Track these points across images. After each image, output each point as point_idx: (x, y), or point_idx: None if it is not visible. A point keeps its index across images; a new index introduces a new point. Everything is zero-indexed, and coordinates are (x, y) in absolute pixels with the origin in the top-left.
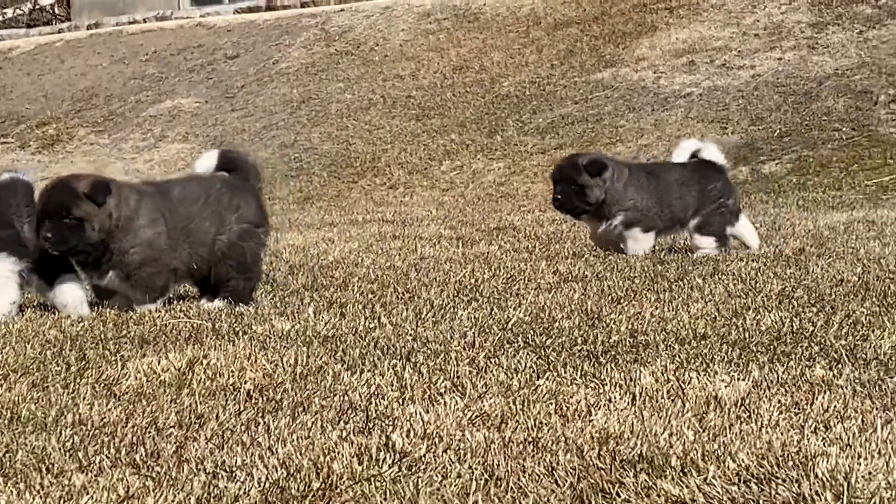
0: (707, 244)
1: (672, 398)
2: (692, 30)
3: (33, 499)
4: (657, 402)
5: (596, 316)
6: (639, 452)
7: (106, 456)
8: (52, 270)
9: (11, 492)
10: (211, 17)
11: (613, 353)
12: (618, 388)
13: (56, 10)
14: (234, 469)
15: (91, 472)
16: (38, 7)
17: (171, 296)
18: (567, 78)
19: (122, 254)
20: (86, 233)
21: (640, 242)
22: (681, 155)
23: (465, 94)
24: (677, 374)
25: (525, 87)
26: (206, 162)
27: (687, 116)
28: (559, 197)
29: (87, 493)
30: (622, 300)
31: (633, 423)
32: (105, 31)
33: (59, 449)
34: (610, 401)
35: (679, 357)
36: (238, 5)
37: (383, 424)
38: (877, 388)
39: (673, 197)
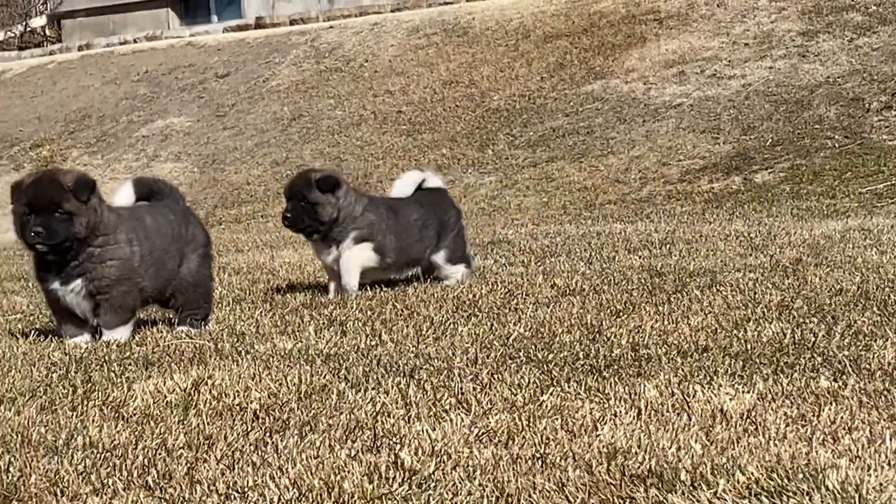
0: (458, 271)
1: (677, 412)
2: (682, 40)
3: None
4: (663, 415)
5: (596, 330)
6: (647, 467)
7: (119, 478)
8: None
9: None
10: (201, 36)
11: (616, 367)
12: (622, 403)
13: (47, 32)
14: (246, 490)
15: (105, 494)
16: (29, 29)
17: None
18: (557, 91)
19: (100, 262)
20: (74, 227)
21: (361, 257)
22: (406, 187)
23: (455, 109)
24: (681, 387)
25: (515, 101)
26: (124, 194)
27: (678, 127)
28: (289, 215)
29: None
30: (621, 313)
31: (639, 438)
32: (96, 52)
33: (73, 472)
34: (615, 415)
35: (682, 370)
36: (227, 24)
37: (391, 442)
38: (882, 398)
39: (414, 239)
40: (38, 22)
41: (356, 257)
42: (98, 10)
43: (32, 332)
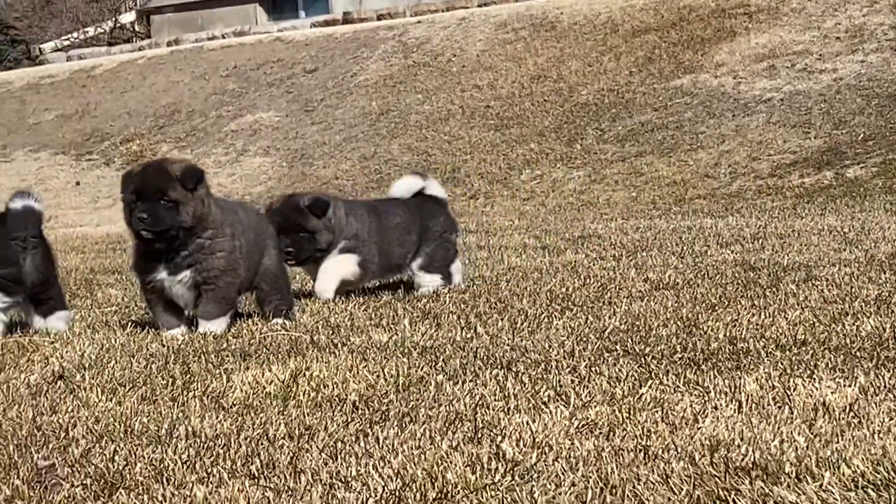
0: (432, 281)
1: (778, 405)
2: (772, 34)
3: None
4: (763, 409)
5: (693, 323)
6: (752, 460)
7: (223, 467)
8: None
9: (134, 503)
10: (288, 31)
11: (714, 360)
12: (723, 396)
13: (136, 28)
14: (350, 480)
15: (211, 483)
16: (118, 25)
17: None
18: (646, 85)
19: (210, 253)
20: (180, 216)
21: (345, 269)
22: (401, 191)
23: (543, 104)
24: (782, 380)
25: (604, 95)
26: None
27: (768, 121)
28: (292, 250)
29: None
30: (717, 307)
31: (741, 431)
32: (185, 48)
33: (177, 461)
34: (716, 408)
35: (781, 364)
36: (315, 19)
37: (492, 434)
38: None
39: (394, 244)
40: (127, 18)
41: (340, 267)
42: (186, 6)
43: (129, 323)
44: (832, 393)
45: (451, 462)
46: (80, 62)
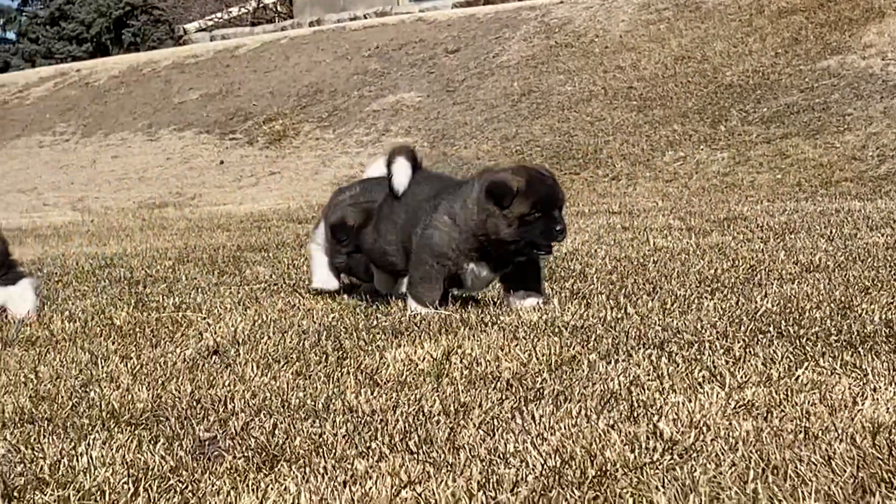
0: None
1: None
2: None
3: (319, 483)
4: None
5: (846, 306)
6: None
7: (381, 442)
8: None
9: (296, 476)
10: (430, 12)
11: (871, 343)
12: (881, 378)
13: (279, 9)
14: (508, 456)
15: (371, 457)
16: (261, 6)
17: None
18: (792, 66)
19: None
20: None
21: None
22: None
23: (686, 85)
24: None
25: (748, 77)
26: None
27: None
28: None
29: (371, 479)
30: (870, 290)
31: None
32: (327, 28)
33: (336, 435)
34: (875, 390)
35: None
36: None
37: (648, 413)
38: None
39: None
40: None
41: None
42: None
43: (279, 300)
44: None
45: (609, 440)
46: (224, 42)
